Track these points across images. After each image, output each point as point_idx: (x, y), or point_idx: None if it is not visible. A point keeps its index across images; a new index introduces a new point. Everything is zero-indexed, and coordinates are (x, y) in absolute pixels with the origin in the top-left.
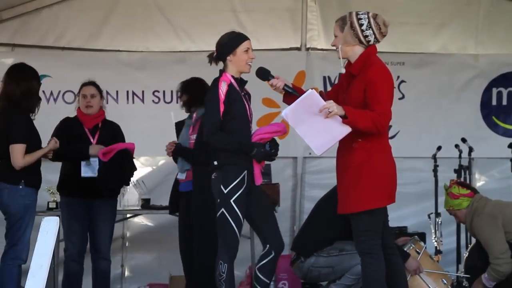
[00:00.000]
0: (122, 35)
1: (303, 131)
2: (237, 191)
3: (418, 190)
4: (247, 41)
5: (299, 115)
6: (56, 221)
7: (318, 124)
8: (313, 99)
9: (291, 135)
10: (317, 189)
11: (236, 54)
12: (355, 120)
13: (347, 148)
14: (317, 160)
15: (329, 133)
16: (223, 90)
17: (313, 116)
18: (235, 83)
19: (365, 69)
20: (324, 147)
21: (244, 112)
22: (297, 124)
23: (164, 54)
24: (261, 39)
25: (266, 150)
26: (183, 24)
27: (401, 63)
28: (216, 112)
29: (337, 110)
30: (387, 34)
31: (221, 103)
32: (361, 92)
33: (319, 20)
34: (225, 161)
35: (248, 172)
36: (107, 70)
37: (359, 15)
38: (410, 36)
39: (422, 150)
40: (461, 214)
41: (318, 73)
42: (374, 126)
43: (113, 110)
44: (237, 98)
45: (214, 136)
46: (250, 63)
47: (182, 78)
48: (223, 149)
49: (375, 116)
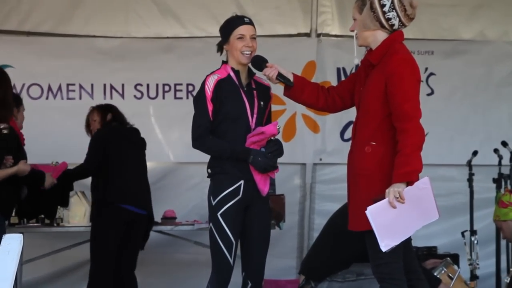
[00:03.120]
0: (98, 18)
1: (380, 224)
2: (226, 203)
3: (450, 204)
4: (242, 26)
5: (384, 212)
6: (20, 239)
7: (402, 218)
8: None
9: (298, 137)
10: (329, 201)
11: (230, 42)
12: (413, 168)
13: (358, 152)
14: (329, 167)
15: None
16: (209, 86)
17: (399, 210)
18: (234, 76)
19: (386, 58)
20: (394, 241)
21: (241, 111)
22: (377, 220)
23: (148, 41)
24: (263, 23)
25: (267, 157)
26: (170, 5)
27: (430, 52)
28: (203, 112)
29: (399, 187)
30: (415, 17)
31: (208, 101)
32: (380, 85)
33: (333, 1)
34: (218, 170)
35: (246, 182)
36: (80, 59)
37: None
38: (440, 20)
39: (454, 156)
40: (506, 227)
41: (330, 64)
42: (420, 146)
43: (87, 106)
44: (230, 95)
45: (201, 141)
46: (247, 52)
47: (170, 70)
48: (214, 156)
49: (410, 139)
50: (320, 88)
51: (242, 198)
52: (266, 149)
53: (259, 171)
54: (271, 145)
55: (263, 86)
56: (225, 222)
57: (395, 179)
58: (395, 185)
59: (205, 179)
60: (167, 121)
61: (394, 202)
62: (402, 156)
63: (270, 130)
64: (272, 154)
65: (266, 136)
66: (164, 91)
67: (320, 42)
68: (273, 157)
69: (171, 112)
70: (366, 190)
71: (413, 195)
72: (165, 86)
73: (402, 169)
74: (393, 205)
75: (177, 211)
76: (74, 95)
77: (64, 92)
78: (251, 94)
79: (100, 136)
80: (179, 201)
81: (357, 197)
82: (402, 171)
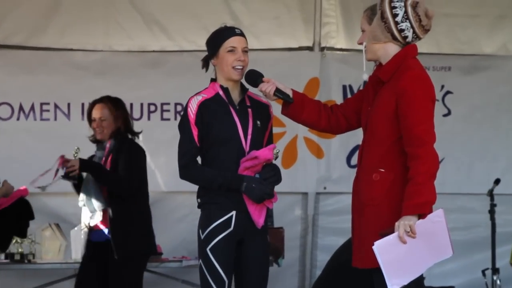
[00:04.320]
0: (76, 29)
1: (388, 261)
2: (215, 237)
3: (469, 238)
4: (233, 38)
5: (393, 248)
6: None
7: (413, 254)
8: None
9: (299, 163)
10: (334, 235)
11: (219, 56)
12: (426, 199)
13: (365, 180)
14: (334, 197)
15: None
16: (192, 109)
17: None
18: (223, 94)
19: (397, 74)
20: (404, 280)
21: (231, 132)
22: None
23: (131, 55)
24: (260, 35)
25: (262, 184)
26: (157, 14)
27: (447, 68)
28: (187, 138)
29: (410, 220)
30: (430, 28)
31: (192, 125)
32: (390, 105)
33: (339, 9)
34: (207, 199)
35: (238, 213)
36: (55, 75)
37: (393, 2)
38: (458, 32)
39: (474, 184)
40: None
41: (335, 80)
42: (433, 174)
43: (64, 128)
44: (218, 116)
45: (188, 171)
46: (240, 67)
47: (156, 87)
48: (204, 186)
49: (422, 166)
50: (322, 106)
51: (234, 231)
52: (261, 175)
53: (253, 200)
54: (267, 170)
55: (260, 104)
56: (216, 258)
57: (405, 211)
58: (406, 218)
59: (194, 210)
60: (153, 145)
61: (404, 237)
62: (414, 185)
63: (264, 155)
64: (267, 180)
65: (260, 162)
66: (150, 112)
67: (324, 56)
68: (269, 184)
69: (157, 135)
70: (373, 223)
71: (425, 229)
72: (151, 105)
73: (414, 200)
74: (403, 240)
75: (163, 246)
76: (48, 115)
77: (37, 112)
78: (244, 112)
79: (143, 153)
80: (165, 234)
81: (363, 231)
82: (413, 202)
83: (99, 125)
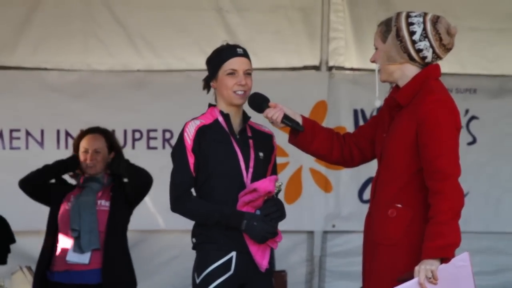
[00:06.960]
0: (50, 46)
1: None
2: (213, 281)
3: (497, 283)
4: (234, 59)
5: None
6: None
7: None
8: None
9: (305, 198)
10: (344, 279)
11: (218, 79)
12: (449, 241)
13: (380, 216)
14: (344, 236)
15: None
16: (189, 134)
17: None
18: (223, 121)
19: (418, 99)
20: None
21: (232, 165)
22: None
23: (113, 75)
24: (259, 52)
25: (264, 222)
26: (142, 29)
27: (472, 91)
28: (182, 167)
29: (432, 265)
30: (453, 47)
31: (188, 152)
32: (410, 133)
33: (348, 23)
34: (204, 238)
35: (239, 254)
36: (27, 98)
37: (410, 17)
38: (484, 49)
39: (503, 222)
40: None
41: (345, 104)
42: (458, 212)
43: (36, 158)
44: (218, 145)
45: (181, 204)
46: (241, 91)
47: (141, 112)
48: (199, 223)
49: (445, 203)
50: (335, 135)
51: (234, 274)
52: (261, 211)
53: (255, 240)
54: (269, 205)
55: (262, 134)
56: None
57: (426, 253)
58: (427, 262)
59: (186, 251)
60: None
61: (425, 284)
62: (436, 225)
63: (264, 187)
64: (269, 216)
65: (260, 195)
66: (134, 139)
67: (332, 77)
68: (272, 221)
69: (143, 166)
70: (389, 266)
71: (448, 274)
72: (135, 132)
73: (435, 241)
74: (424, 287)
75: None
76: (18, 143)
77: (6, 140)
78: (245, 143)
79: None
80: (150, 280)
81: (375, 275)
82: (435, 244)
83: (93, 157)
